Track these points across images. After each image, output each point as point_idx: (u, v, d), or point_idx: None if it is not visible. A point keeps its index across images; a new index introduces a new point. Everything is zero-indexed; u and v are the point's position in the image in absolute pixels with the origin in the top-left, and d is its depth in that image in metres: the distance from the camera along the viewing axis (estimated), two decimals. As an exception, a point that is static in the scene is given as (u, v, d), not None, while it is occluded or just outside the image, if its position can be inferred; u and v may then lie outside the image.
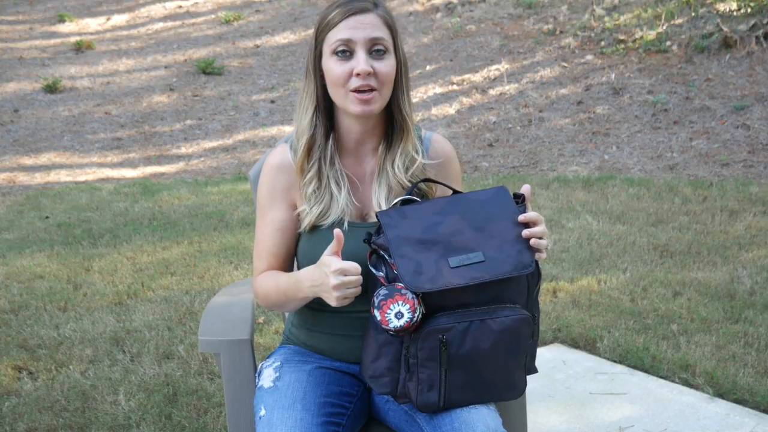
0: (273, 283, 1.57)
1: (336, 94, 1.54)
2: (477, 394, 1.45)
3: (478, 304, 1.41)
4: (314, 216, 1.56)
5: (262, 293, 1.61)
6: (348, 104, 1.52)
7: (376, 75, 1.50)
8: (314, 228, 1.57)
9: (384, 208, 1.56)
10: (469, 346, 1.40)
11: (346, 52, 1.50)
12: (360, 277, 1.38)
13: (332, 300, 1.40)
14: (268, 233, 1.62)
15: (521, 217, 1.46)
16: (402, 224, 1.44)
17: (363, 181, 1.62)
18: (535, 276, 1.48)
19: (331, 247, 1.40)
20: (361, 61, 1.49)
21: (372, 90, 1.50)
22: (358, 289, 1.40)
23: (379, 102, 1.53)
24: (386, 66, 1.52)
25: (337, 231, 1.40)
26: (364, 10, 1.51)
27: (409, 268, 1.39)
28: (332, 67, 1.51)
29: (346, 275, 1.37)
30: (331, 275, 1.37)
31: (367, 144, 1.62)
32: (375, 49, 1.51)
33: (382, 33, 1.52)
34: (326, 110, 1.58)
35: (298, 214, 1.60)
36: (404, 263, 1.40)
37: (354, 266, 1.38)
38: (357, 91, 1.50)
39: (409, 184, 1.58)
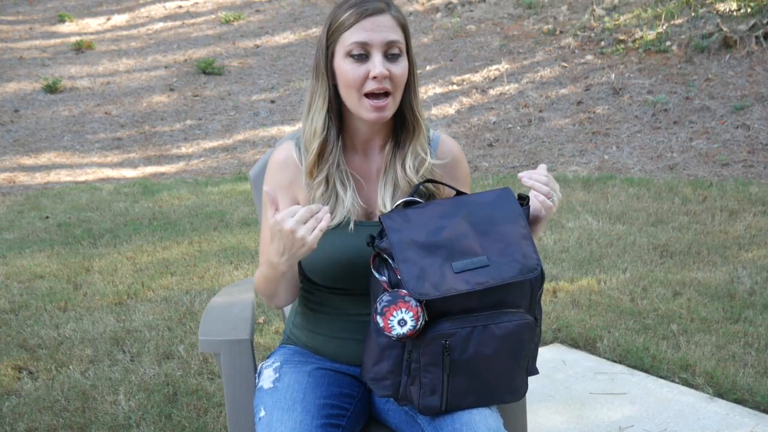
0: (262, 269, 1.56)
1: (349, 97, 1.52)
2: (479, 397, 1.45)
3: (481, 308, 1.40)
4: None
5: (257, 284, 1.60)
6: (362, 111, 1.51)
7: (391, 78, 1.49)
8: None
9: (389, 207, 1.54)
10: (471, 352, 1.39)
11: (362, 54, 1.48)
12: (311, 208, 1.36)
13: (304, 247, 1.36)
14: None
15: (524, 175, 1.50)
16: (405, 228, 1.42)
17: (368, 180, 1.61)
18: (538, 279, 1.46)
19: (270, 212, 1.40)
20: (377, 64, 1.47)
21: (386, 95, 1.49)
22: (321, 221, 1.36)
23: (392, 108, 1.52)
24: (401, 69, 1.50)
25: (266, 190, 1.40)
26: (379, 11, 1.49)
27: (413, 273, 1.37)
28: (347, 69, 1.49)
29: (293, 215, 1.35)
30: (283, 224, 1.35)
31: (375, 142, 1.61)
32: (391, 53, 1.49)
33: (398, 35, 1.50)
34: (337, 111, 1.56)
35: None
36: (408, 268, 1.38)
37: (294, 207, 1.36)
38: (372, 95, 1.49)
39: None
